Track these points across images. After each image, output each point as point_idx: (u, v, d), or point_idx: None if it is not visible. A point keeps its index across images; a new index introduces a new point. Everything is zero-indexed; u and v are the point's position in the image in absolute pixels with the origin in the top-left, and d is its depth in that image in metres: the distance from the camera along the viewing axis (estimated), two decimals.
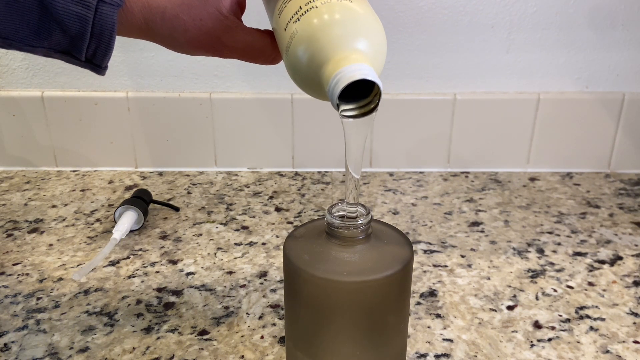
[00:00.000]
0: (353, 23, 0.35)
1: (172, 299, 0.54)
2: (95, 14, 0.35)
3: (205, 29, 0.39)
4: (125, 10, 0.36)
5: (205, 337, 0.49)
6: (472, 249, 0.64)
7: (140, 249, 0.63)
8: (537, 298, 0.55)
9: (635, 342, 0.49)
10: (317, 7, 0.35)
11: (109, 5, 0.35)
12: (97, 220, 0.70)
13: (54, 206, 0.73)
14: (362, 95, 0.34)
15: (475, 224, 0.69)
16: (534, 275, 0.59)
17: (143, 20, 0.37)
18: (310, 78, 0.36)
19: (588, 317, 0.52)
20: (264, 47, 0.41)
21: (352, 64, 0.33)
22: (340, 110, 0.34)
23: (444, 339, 0.49)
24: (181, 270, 0.59)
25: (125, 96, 0.82)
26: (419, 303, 0.54)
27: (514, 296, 0.55)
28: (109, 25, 0.36)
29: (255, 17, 0.50)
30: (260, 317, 0.51)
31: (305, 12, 0.36)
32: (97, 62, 0.38)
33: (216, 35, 0.39)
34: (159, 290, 0.56)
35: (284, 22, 0.37)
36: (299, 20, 0.36)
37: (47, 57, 0.38)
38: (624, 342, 0.49)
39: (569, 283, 0.57)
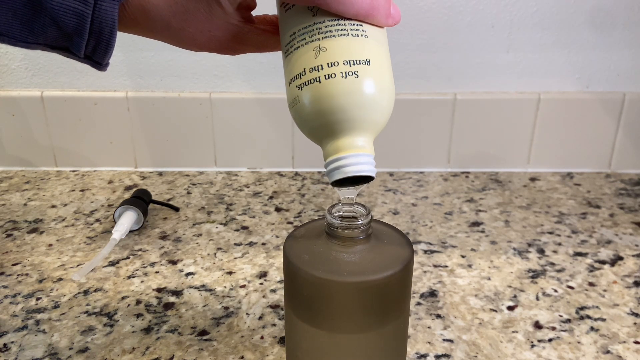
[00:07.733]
0: (355, 108, 0.33)
1: (172, 299, 0.54)
2: (94, 10, 0.33)
3: (215, 38, 0.37)
4: (127, 14, 0.35)
5: (205, 337, 0.49)
6: (472, 249, 0.63)
7: (140, 249, 0.63)
8: (537, 298, 0.55)
9: (636, 342, 0.49)
10: (320, 81, 0.32)
11: (109, 1, 0.33)
12: (97, 220, 0.70)
13: (53, 206, 0.73)
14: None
15: (476, 224, 0.69)
16: (535, 275, 0.59)
17: (146, 27, 0.36)
18: (313, 137, 0.35)
19: (589, 317, 0.52)
20: (275, 43, 0.40)
21: (351, 153, 0.33)
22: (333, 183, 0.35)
23: (444, 340, 0.49)
24: (181, 271, 0.59)
25: (125, 96, 0.82)
26: (419, 303, 0.54)
27: (515, 296, 0.55)
28: (109, 22, 0.34)
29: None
30: (260, 318, 0.51)
31: (308, 82, 0.33)
32: (97, 59, 0.36)
33: (226, 41, 0.38)
34: (159, 290, 0.55)
35: (288, 76, 0.35)
36: (301, 88, 0.33)
37: (45, 52, 0.37)
38: (624, 342, 0.49)
39: (570, 283, 0.57)
